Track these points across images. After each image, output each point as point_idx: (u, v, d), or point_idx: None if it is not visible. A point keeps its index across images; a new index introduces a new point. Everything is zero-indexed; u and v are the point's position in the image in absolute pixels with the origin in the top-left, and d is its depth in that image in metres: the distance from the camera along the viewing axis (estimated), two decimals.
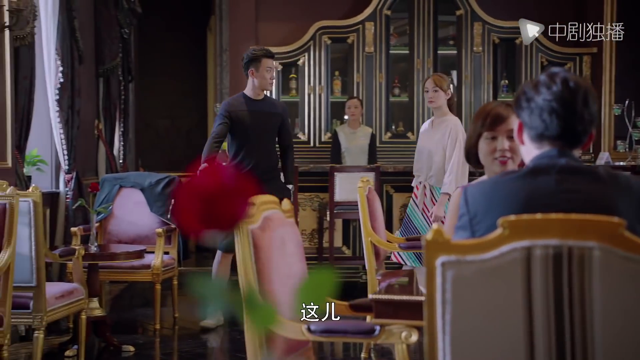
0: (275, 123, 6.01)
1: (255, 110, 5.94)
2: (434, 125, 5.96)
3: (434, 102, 5.88)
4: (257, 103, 5.99)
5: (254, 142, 5.94)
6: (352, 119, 8.45)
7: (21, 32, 5.64)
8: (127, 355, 5.36)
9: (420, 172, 6.02)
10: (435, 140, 5.88)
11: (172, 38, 11.47)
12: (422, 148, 6.00)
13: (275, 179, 6.01)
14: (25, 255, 4.37)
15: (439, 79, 5.90)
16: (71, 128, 6.54)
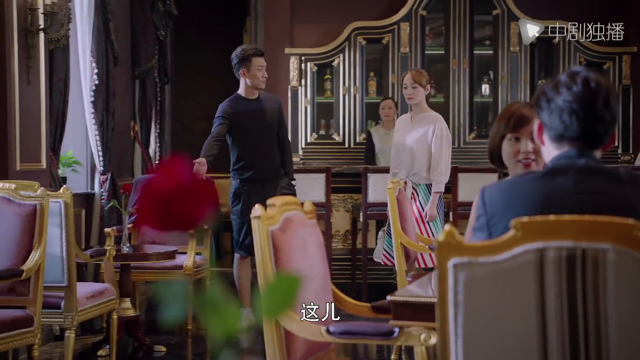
0: (274, 118, 6.01)
1: (252, 110, 5.95)
2: (414, 121, 5.88)
3: (413, 99, 5.82)
4: (252, 102, 6.00)
5: (254, 142, 5.94)
6: (386, 119, 8.42)
7: (56, 34, 5.71)
8: (159, 355, 5.40)
9: (399, 168, 5.92)
10: (418, 136, 5.79)
11: (209, 40, 11.54)
12: (402, 144, 5.89)
13: (278, 177, 6.00)
14: (56, 256, 4.42)
15: (418, 74, 5.83)
16: (106, 130, 6.60)
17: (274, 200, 2.80)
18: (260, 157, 5.92)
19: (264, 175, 5.93)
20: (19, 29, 5.33)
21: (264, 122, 5.95)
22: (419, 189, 5.83)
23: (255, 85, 5.96)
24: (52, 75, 5.73)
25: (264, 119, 5.95)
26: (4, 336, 3.90)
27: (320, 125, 9.17)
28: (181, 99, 11.25)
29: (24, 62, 5.39)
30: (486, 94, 9.27)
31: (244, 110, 5.93)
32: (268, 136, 5.97)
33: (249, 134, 5.94)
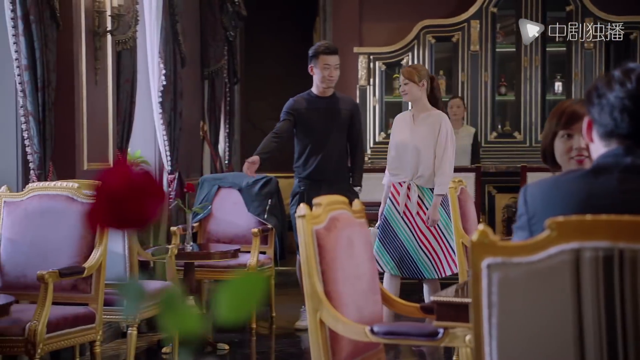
0: (343, 121, 5.83)
1: (320, 108, 5.82)
2: (416, 120, 5.55)
3: (407, 95, 5.54)
4: (322, 100, 5.85)
5: (318, 142, 5.81)
6: (455, 118, 8.32)
7: (123, 36, 5.81)
8: (222, 353, 5.45)
9: (401, 170, 5.56)
10: (423, 136, 5.47)
11: (279, 40, 11.60)
12: (404, 144, 5.52)
13: (342, 181, 5.83)
14: (119, 254, 4.50)
15: (409, 71, 5.52)
16: (173, 129, 6.70)
17: (320, 199, 2.79)
18: (322, 156, 5.79)
19: (322, 176, 5.78)
20: (86, 31, 5.45)
21: (330, 122, 5.80)
22: (424, 193, 5.50)
23: (322, 82, 5.80)
24: (119, 76, 5.83)
25: (331, 119, 5.80)
26: (67, 332, 3.99)
27: (389, 124, 9.12)
28: (251, 98, 11.34)
29: (91, 63, 5.50)
30: (559, 92, 9.10)
31: (311, 108, 5.83)
32: (334, 137, 5.81)
33: (313, 132, 5.83)
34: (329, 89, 5.86)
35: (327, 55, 5.80)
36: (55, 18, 5.03)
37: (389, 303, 3.03)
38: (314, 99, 5.88)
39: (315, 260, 2.68)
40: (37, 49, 4.86)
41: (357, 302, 2.80)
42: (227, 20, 8.38)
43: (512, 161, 8.27)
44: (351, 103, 6.00)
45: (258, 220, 6.32)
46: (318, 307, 2.66)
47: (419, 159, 5.46)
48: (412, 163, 5.48)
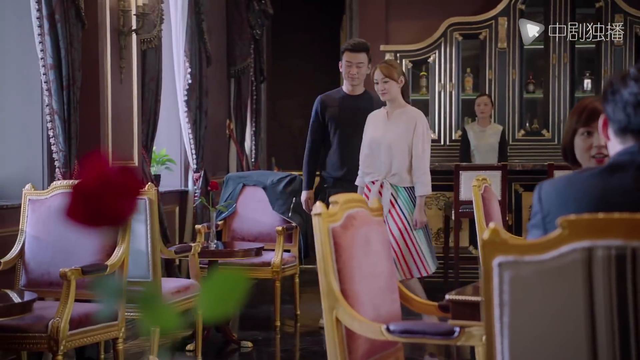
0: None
1: (346, 107, 5.75)
2: (390, 117, 5.35)
3: (387, 94, 5.28)
4: (351, 98, 5.77)
5: (344, 140, 5.74)
6: (482, 116, 8.29)
7: (148, 35, 5.84)
8: (246, 351, 5.46)
9: (373, 168, 5.36)
10: (397, 133, 5.28)
11: (306, 38, 11.60)
12: (378, 142, 5.32)
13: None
14: (142, 251, 4.53)
15: (388, 68, 5.29)
16: (199, 128, 6.72)
17: (336, 197, 2.78)
18: (346, 155, 5.72)
19: (346, 175, 5.71)
20: (111, 30, 5.48)
21: (354, 121, 5.69)
22: (398, 192, 5.30)
23: (346, 79, 5.75)
24: (144, 75, 5.87)
25: (356, 118, 5.68)
26: (89, 329, 4.01)
27: None
28: (278, 97, 11.36)
29: (116, 62, 5.54)
30: (588, 89, 9.02)
31: (339, 106, 5.77)
32: (358, 137, 5.68)
33: (339, 131, 5.77)
34: (356, 87, 5.77)
35: (350, 52, 5.70)
36: (81, 17, 5.07)
37: (407, 301, 3.02)
38: (342, 97, 5.82)
39: (332, 258, 2.67)
40: (63, 48, 4.89)
41: (373, 300, 2.79)
42: (254, 19, 8.39)
43: (540, 159, 8.20)
44: (380, 103, 5.67)
45: (282, 218, 6.32)
46: (334, 306, 2.65)
47: (392, 156, 5.28)
48: (386, 161, 5.30)
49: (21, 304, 3.74)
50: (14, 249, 4.41)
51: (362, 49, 5.76)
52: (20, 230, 4.45)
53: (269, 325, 6.04)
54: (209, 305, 0.83)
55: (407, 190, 5.32)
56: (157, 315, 0.84)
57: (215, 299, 0.82)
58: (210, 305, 0.82)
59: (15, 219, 4.57)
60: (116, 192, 0.89)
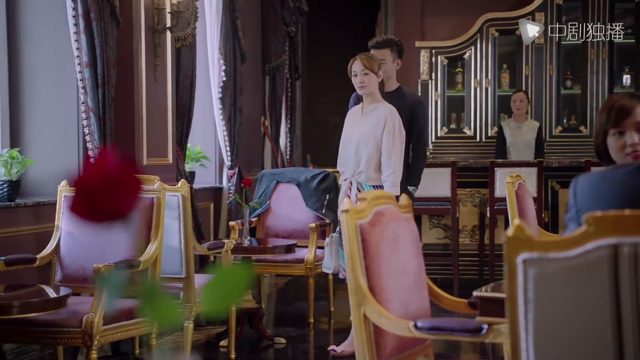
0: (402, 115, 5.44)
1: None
2: (364, 113, 5.16)
3: (365, 87, 5.05)
4: (384, 96, 5.51)
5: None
6: (518, 113, 8.23)
7: (182, 33, 5.88)
8: (279, 347, 5.48)
9: (345, 166, 5.17)
10: (366, 129, 5.06)
11: (341, 34, 11.59)
12: (349, 138, 5.15)
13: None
14: (175, 248, 4.56)
15: (368, 60, 5.06)
16: (233, 125, 6.75)
17: (364, 194, 2.78)
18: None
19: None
20: (146, 28, 5.52)
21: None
22: (364, 190, 5.02)
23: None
24: (178, 72, 5.90)
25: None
26: (123, 325, 4.05)
27: (451, 119, 9.07)
28: (313, 94, 11.36)
29: (151, 60, 5.58)
30: (627, 85, 8.91)
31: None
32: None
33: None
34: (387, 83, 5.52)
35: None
36: (115, 15, 5.12)
37: (436, 298, 3.01)
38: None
39: (359, 255, 2.67)
40: (98, 46, 4.94)
41: (402, 297, 2.79)
42: (288, 16, 8.41)
43: (578, 156, 8.12)
44: (413, 100, 5.59)
45: (316, 215, 6.33)
46: (362, 302, 2.65)
47: (360, 154, 5.08)
48: (354, 158, 5.10)
49: (56, 299, 3.78)
50: (50, 245, 4.47)
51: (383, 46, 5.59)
52: (56, 226, 4.51)
53: (303, 322, 6.05)
54: (212, 300, 0.83)
55: (376, 189, 5.06)
56: (157, 308, 0.85)
57: (218, 294, 0.83)
58: (213, 300, 0.83)
59: (52, 215, 4.63)
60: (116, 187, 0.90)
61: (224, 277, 0.84)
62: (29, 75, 5.16)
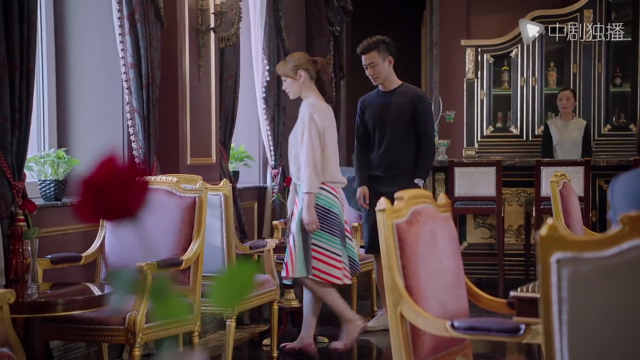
0: (401, 115, 5.63)
1: (379, 103, 5.73)
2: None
3: (290, 93, 5.25)
4: (384, 95, 5.75)
5: (379, 136, 5.73)
6: (564, 111, 8.13)
7: (226, 33, 5.92)
8: (322, 346, 5.48)
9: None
10: (293, 130, 5.24)
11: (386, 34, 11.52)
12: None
13: (402, 176, 5.60)
14: (217, 247, 4.59)
15: (280, 67, 5.27)
16: (277, 125, 6.77)
17: (402, 193, 2.77)
18: (382, 152, 5.71)
19: (382, 171, 5.71)
20: (190, 29, 5.57)
21: (387, 117, 5.68)
22: (298, 191, 5.13)
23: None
24: (222, 72, 5.94)
25: (387, 114, 5.67)
26: (165, 323, 4.08)
27: (497, 117, 8.99)
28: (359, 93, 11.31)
29: (195, 61, 5.62)
30: None
31: (374, 104, 5.80)
32: (392, 132, 5.67)
33: (375, 128, 5.80)
34: (384, 84, 5.75)
35: (361, 55, 5.76)
36: (160, 17, 5.16)
37: (475, 298, 2.99)
38: (378, 95, 5.83)
39: (396, 254, 2.66)
40: (142, 47, 4.99)
41: (439, 296, 2.77)
42: (333, 15, 8.40)
43: (627, 155, 8.00)
44: (413, 96, 5.72)
45: (359, 214, 6.32)
46: (398, 302, 2.64)
47: (290, 154, 5.22)
48: (289, 159, 5.26)
49: (99, 297, 3.83)
50: (95, 244, 4.53)
51: (369, 49, 5.72)
52: (101, 225, 4.57)
53: None
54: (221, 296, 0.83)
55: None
56: (167, 305, 0.86)
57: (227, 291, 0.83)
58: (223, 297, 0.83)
59: None
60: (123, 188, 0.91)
61: (231, 276, 0.84)
62: (76, 76, 5.24)
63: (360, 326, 5.22)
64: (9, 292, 3.36)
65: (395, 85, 5.76)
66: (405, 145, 5.70)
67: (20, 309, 3.52)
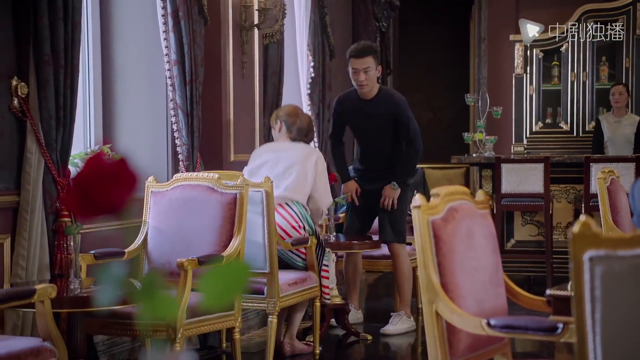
0: (384, 124, 5.55)
1: (360, 110, 5.58)
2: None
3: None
4: (363, 102, 5.56)
5: (364, 142, 5.76)
6: (617, 106, 7.98)
7: (270, 30, 5.92)
8: (365, 343, 5.45)
9: None
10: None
11: (434, 29, 11.47)
12: None
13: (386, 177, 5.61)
14: (259, 243, 4.59)
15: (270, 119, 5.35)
16: (322, 121, 6.76)
17: (438, 189, 2.73)
18: (369, 155, 5.72)
19: (371, 173, 5.71)
20: (233, 25, 5.58)
21: (370, 125, 5.61)
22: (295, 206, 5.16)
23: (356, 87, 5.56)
24: (266, 69, 5.94)
25: (370, 122, 5.59)
26: (206, 319, 4.10)
27: (547, 113, 8.86)
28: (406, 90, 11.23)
29: (238, 57, 5.63)
30: None
31: (353, 108, 5.62)
32: (377, 138, 5.64)
33: (358, 133, 5.81)
34: (367, 92, 5.55)
35: (354, 59, 5.46)
36: (203, 13, 5.18)
37: (514, 296, 2.93)
38: (357, 100, 5.63)
39: (431, 251, 2.63)
40: (186, 44, 5.02)
41: (476, 294, 2.73)
42: (379, 11, 8.37)
43: None
44: (393, 105, 5.57)
45: None
46: (434, 299, 2.61)
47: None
48: None
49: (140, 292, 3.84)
50: (138, 240, 4.55)
51: (367, 53, 5.52)
52: (144, 221, 4.59)
53: None
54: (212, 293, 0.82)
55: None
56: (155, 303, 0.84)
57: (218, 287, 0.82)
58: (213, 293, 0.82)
59: (140, 210, 4.72)
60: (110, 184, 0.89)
61: (223, 272, 0.82)
62: (121, 74, 5.28)
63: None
64: (50, 286, 3.40)
65: (374, 93, 5.58)
66: (393, 150, 5.65)
67: (61, 303, 3.55)
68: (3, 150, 4.11)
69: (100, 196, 0.88)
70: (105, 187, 0.88)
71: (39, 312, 3.39)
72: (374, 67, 5.49)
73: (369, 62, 5.45)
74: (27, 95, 4.14)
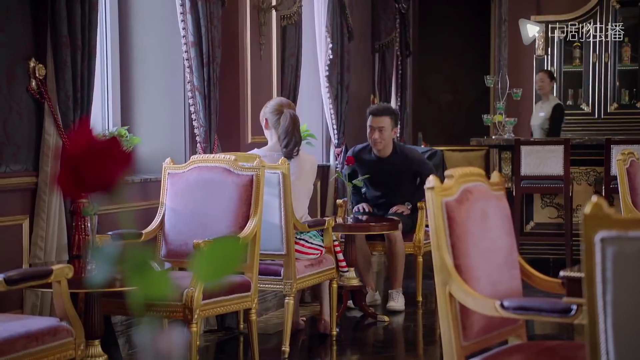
0: (401, 179, 5.79)
1: (377, 171, 5.77)
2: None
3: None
4: (381, 162, 5.78)
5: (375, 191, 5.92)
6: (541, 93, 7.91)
7: (288, 11, 5.90)
8: (382, 325, 5.46)
9: None
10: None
11: (454, 11, 11.39)
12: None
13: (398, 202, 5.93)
14: (275, 225, 4.59)
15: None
16: (340, 103, 6.74)
17: (452, 171, 2.72)
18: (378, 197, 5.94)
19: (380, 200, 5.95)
20: (251, 7, 5.56)
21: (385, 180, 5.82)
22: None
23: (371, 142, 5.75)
24: (284, 51, 5.93)
25: (387, 180, 5.81)
26: (222, 300, 4.11)
27: (568, 95, 8.79)
28: (425, 71, 11.20)
29: (256, 39, 5.62)
30: None
31: (370, 168, 5.78)
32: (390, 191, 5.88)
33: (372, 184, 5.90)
34: (381, 150, 5.75)
35: (372, 117, 5.71)
36: None
37: (529, 278, 2.92)
38: (374, 161, 5.81)
39: (445, 232, 2.61)
40: (203, 26, 5.01)
41: (491, 276, 2.72)
42: None
43: None
44: (410, 161, 5.81)
45: None
46: (447, 281, 2.60)
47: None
48: None
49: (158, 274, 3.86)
50: (155, 221, 4.57)
51: (384, 114, 5.72)
52: (161, 202, 4.61)
53: (411, 301, 5.99)
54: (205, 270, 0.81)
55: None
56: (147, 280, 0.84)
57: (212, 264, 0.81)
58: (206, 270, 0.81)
59: (158, 191, 4.73)
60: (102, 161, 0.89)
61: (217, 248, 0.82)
62: (138, 56, 5.29)
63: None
64: (67, 267, 3.42)
65: (389, 152, 5.79)
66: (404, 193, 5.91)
67: (78, 284, 3.57)
68: (21, 132, 4.13)
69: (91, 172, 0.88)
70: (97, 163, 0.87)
71: (56, 292, 3.41)
72: (389, 127, 5.71)
73: (384, 122, 5.68)
74: (45, 77, 4.15)
